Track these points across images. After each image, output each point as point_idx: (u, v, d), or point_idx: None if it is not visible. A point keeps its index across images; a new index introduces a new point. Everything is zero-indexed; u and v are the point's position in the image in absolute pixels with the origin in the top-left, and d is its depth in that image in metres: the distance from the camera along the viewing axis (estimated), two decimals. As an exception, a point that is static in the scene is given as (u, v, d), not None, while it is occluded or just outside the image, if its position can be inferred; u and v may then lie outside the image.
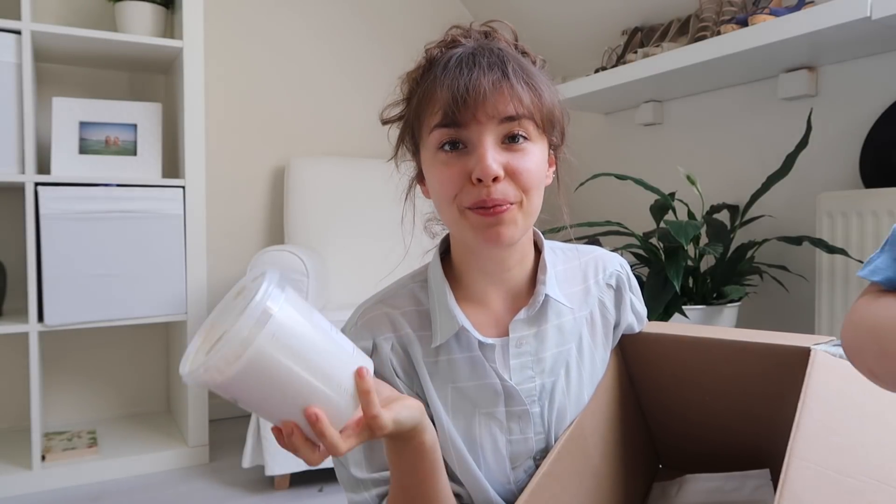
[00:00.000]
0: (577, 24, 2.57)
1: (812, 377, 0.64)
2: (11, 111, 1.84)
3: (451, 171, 0.69)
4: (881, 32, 1.52)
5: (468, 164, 0.69)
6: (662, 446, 0.96)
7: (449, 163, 0.70)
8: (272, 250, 1.85)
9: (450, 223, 0.74)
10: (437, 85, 0.70)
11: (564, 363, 0.79)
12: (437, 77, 0.70)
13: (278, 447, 1.79)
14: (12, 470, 1.86)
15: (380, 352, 0.76)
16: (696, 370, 0.83)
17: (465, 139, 0.69)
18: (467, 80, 0.68)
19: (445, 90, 0.68)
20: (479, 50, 0.71)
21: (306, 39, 2.67)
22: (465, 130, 0.69)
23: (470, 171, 0.68)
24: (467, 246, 0.77)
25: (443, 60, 0.72)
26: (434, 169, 0.72)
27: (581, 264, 0.86)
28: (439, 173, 0.70)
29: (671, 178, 2.18)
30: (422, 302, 0.79)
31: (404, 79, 0.78)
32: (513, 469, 0.78)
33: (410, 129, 0.76)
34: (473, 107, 0.67)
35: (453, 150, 0.69)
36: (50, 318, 1.87)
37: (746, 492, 0.79)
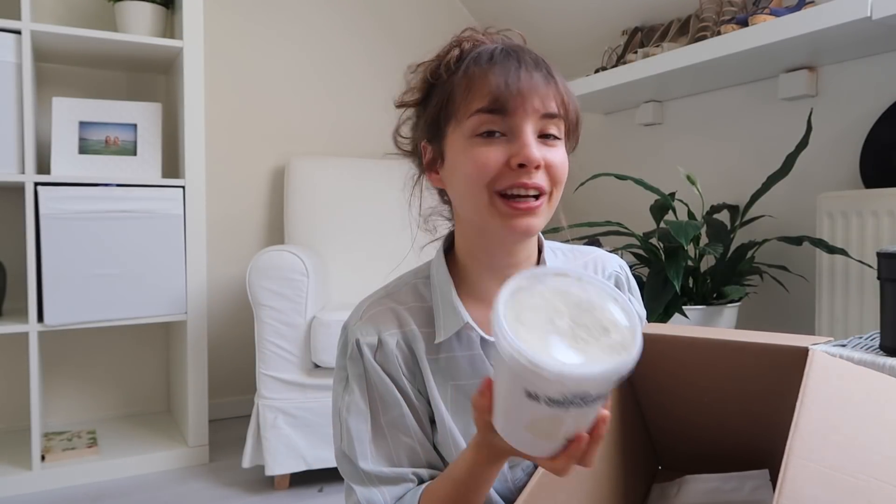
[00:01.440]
0: (577, 24, 2.57)
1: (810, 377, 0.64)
2: (11, 111, 1.84)
3: (491, 155, 0.70)
4: (881, 32, 1.52)
5: (508, 150, 0.70)
6: (662, 447, 0.96)
7: (488, 147, 0.71)
8: (272, 250, 1.85)
9: (475, 209, 0.73)
10: (486, 71, 0.71)
11: None
12: (484, 64, 0.72)
13: (278, 447, 1.79)
14: (12, 470, 1.87)
15: (385, 347, 0.76)
16: (694, 371, 0.83)
17: (508, 128, 0.71)
18: (518, 70, 0.71)
19: (497, 77, 0.70)
20: (519, 48, 0.75)
21: (306, 39, 2.67)
22: (510, 119, 0.70)
23: (509, 157, 0.70)
24: (482, 236, 0.76)
25: (483, 52, 0.74)
26: (469, 152, 0.72)
27: (581, 265, 0.87)
28: (477, 156, 0.71)
29: (671, 178, 2.18)
30: (425, 298, 0.79)
31: (418, 68, 0.78)
32: (510, 468, 0.78)
33: (439, 112, 0.75)
34: (524, 97, 0.70)
35: (490, 137, 0.71)
36: (50, 318, 1.87)
37: (745, 492, 0.79)
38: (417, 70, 0.79)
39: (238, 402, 2.53)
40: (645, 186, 1.86)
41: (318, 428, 1.83)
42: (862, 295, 1.57)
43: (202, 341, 2.08)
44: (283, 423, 1.81)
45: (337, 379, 0.79)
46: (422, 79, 0.77)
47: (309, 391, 1.83)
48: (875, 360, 1.04)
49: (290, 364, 1.83)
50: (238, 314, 2.53)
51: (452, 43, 0.77)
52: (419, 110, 0.79)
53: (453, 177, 0.75)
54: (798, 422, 0.58)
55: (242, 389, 2.52)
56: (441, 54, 0.77)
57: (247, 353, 2.24)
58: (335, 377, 0.80)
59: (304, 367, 1.85)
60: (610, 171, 1.99)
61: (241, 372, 2.47)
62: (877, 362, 1.04)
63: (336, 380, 0.80)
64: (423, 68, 0.78)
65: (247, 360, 2.23)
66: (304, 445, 1.82)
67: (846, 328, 1.59)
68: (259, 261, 1.84)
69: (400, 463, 0.75)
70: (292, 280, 1.82)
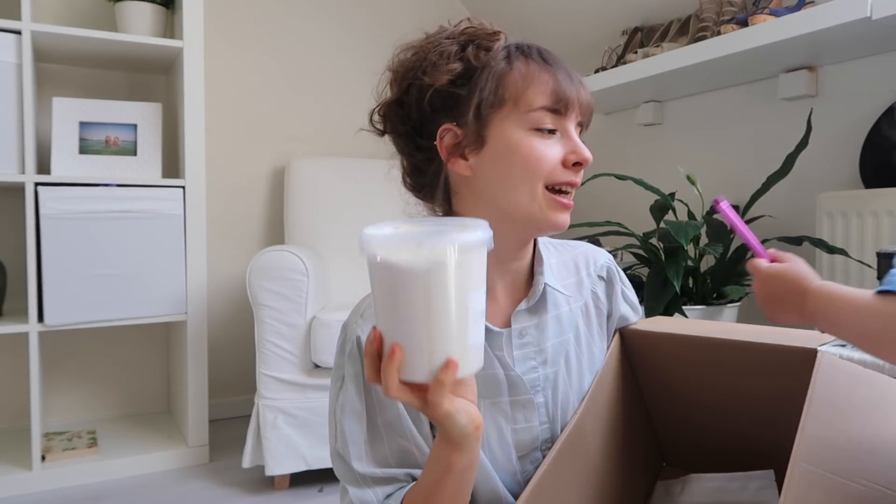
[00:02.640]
0: (576, 25, 2.57)
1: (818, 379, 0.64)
2: (11, 111, 1.84)
3: (550, 151, 0.74)
4: (881, 32, 1.52)
5: (561, 147, 0.74)
6: (667, 445, 0.96)
7: (546, 142, 0.74)
8: (272, 250, 1.85)
9: (522, 200, 0.74)
10: (545, 70, 0.74)
11: (564, 353, 0.82)
12: (540, 62, 0.75)
13: (278, 447, 1.79)
14: (12, 470, 1.86)
15: None
16: (701, 369, 0.83)
17: (561, 126, 0.75)
18: (571, 74, 0.76)
19: (562, 78, 0.74)
20: (551, 51, 0.78)
21: (306, 39, 2.67)
22: (564, 119, 0.75)
23: (565, 154, 0.74)
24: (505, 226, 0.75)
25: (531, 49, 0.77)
26: (527, 145, 0.73)
27: (573, 257, 0.89)
28: (540, 150, 0.73)
29: (671, 178, 2.18)
30: None
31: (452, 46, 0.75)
32: (519, 459, 0.78)
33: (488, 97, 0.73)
34: (578, 102, 0.75)
35: (549, 133, 0.74)
36: (50, 318, 1.87)
37: (750, 492, 0.79)
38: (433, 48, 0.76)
39: (238, 402, 2.53)
40: (645, 186, 1.86)
41: (318, 428, 1.83)
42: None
43: (202, 341, 2.08)
44: (283, 423, 1.81)
45: (333, 378, 0.79)
46: (458, 57, 0.74)
47: (309, 391, 1.83)
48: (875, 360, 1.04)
49: (290, 364, 1.83)
50: (238, 314, 2.52)
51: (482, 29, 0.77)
52: (447, 88, 0.74)
53: (499, 165, 0.74)
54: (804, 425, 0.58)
55: (242, 389, 2.52)
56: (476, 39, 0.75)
57: (247, 353, 2.24)
58: (332, 377, 0.79)
59: (304, 367, 1.85)
60: (610, 171, 2.00)
61: (241, 372, 2.47)
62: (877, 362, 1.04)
63: (332, 379, 0.79)
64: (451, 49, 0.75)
65: (247, 360, 2.23)
66: (304, 445, 1.82)
67: (846, 328, 1.59)
68: (259, 261, 1.83)
69: (394, 464, 0.75)
70: (292, 280, 1.82)
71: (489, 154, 0.74)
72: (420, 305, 0.54)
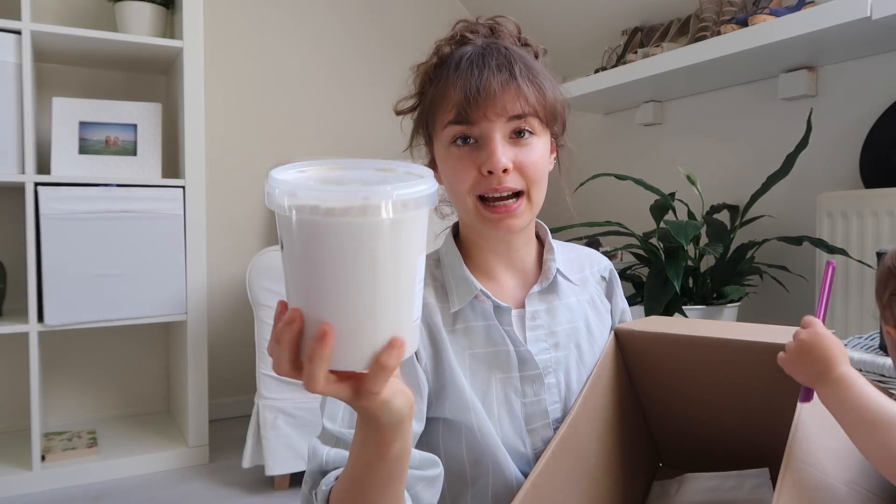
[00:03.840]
0: (577, 25, 2.57)
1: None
2: (11, 111, 1.84)
3: (464, 164, 0.75)
4: (881, 32, 1.52)
5: (479, 157, 0.74)
6: (663, 445, 0.96)
7: (462, 156, 0.75)
8: (272, 250, 1.85)
9: (462, 211, 0.79)
10: (450, 84, 0.75)
11: (575, 339, 0.84)
12: (450, 76, 0.76)
13: (278, 447, 1.79)
14: (12, 470, 1.87)
15: None
16: (696, 369, 0.83)
17: (477, 135, 0.75)
18: (478, 81, 0.73)
19: (458, 90, 0.74)
20: (488, 50, 0.76)
21: (306, 39, 2.67)
22: (476, 127, 0.74)
23: (481, 164, 0.74)
24: (477, 230, 0.81)
25: (454, 59, 0.77)
26: (448, 162, 0.77)
27: (577, 256, 0.93)
28: (453, 166, 0.76)
29: (671, 178, 2.18)
30: (437, 277, 0.83)
31: (416, 71, 0.82)
32: (529, 432, 0.79)
33: (424, 121, 0.81)
34: (484, 106, 0.73)
35: (465, 144, 0.75)
36: (50, 318, 1.87)
37: (745, 491, 0.79)
38: (417, 73, 0.83)
39: (238, 402, 2.53)
40: (645, 186, 1.86)
41: (318, 428, 1.82)
42: (862, 295, 1.57)
43: (202, 341, 2.08)
44: (283, 423, 1.81)
45: None
46: (416, 86, 0.82)
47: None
48: (875, 360, 1.04)
49: (290, 364, 1.83)
50: (238, 314, 2.52)
51: (435, 47, 0.81)
52: (417, 115, 0.83)
53: (445, 180, 0.80)
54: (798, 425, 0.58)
55: (242, 389, 2.52)
56: (427, 60, 0.81)
57: (247, 353, 2.24)
58: None
59: (304, 367, 1.84)
60: (610, 171, 1.99)
61: (241, 372, 2.47)
62: (877, 362, 1.04)
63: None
64: (418, 74, 0.82)
65: (247, 360, 2.23)
66: (304, 445, 1.82)
67: (846, 328, 1.59)
68: (259, 261, 1.83)
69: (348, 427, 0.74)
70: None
71: (439, 170, 0.81)
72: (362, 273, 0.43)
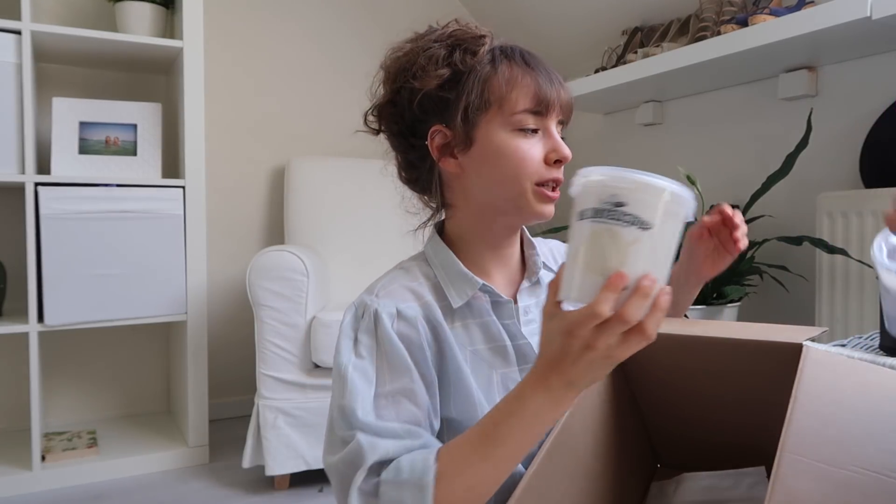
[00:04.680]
0: (576, 25, 2.57)
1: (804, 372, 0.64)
2: (11, 111, 1.84)
3: (534, 150, 0.77)
4: (881, 32, 1.52)
5: (545, 146, 0.78)
6: (660, 445, 0.96)
7: (531, 144, 0.77)
8: (272, 250, 1.85)
9: (512, 196, 0.78)
10: (527, 73, 0.78)
11: None
12: (522, 65, 0.78)
13: (278, 447, 1.79)
14: (12, 470, 1.87)
15: (406, 318, 0.75)
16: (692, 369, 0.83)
17: (542, 126, 0.78)
18: (552, 77, 0.79)
19: (542, 80, 0.78)
20: (533, 53, 0.81)
21: (306, 39, 2.67)
22: (546, 119, 0.78)
23: (547, 153, 0.78)
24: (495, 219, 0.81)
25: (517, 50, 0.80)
26: (512, 145, 0.77)
27: (550, 249, 0.95)
28: (524, 150, 0.77)
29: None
30: (429, 276, 0.82)
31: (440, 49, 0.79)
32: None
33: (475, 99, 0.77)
34: (557, 103, 0.79)
35: (532, 133, 0.78)
36: (50, 318, 1.87)
37: (742, 489, 0.79)
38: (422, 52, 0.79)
39: (238, 402, 2.53)
40: (645, 186, 1.86)
41: (318, 428, 1.83)
42: (862, 295, 1.57)
43: (202, 341, 2.08)
44: (283, 423, 1.81)
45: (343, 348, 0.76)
46: (446, 62, 0.78)
47: (309, 391, 1.83)
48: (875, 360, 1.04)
49: (290, 364, 1.83)
50: (238, 314, 2.53)
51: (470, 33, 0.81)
52: (436, 92, 0.78)
53: (486, 165, 0.78)
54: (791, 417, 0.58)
55: (242, 389, 2.52)
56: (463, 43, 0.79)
57: (247, 353, 2.24)
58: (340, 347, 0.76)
59: (304, 367, 1.85)
60: (610, 171, 1.99)
61: (241, 372, 2.47)
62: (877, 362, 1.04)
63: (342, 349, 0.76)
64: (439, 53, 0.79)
65: (247, 360, 2.23)
66: (304, 445, 1.82)
67: (846, 328, 1.59)
68: (259, 261, 1.84)
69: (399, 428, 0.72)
70: (292, 280, 1.82)
71: (477, 154, 0.78)
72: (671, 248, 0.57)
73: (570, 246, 0.58)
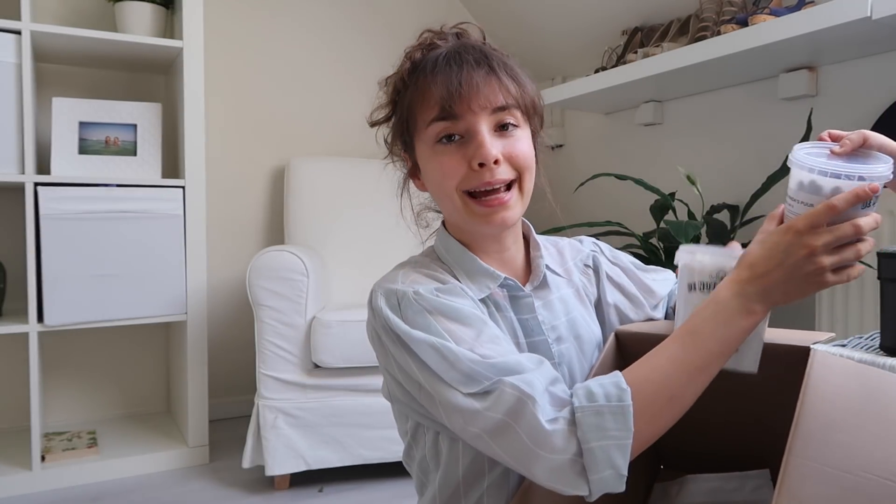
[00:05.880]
0: (577, 25, 2.57)
1: (811, 376, 0.64)
2: (11, 111, 1.84)
3: (453, 160, 0.74)
4: (881, 32, 1.52)
5: (467, 152, 0.74)
6: (664, 447, 0.96)
7: (449, 153, 0.75)
8: (272, 250, 1.85)
9: (451, 211, 0.78)
10: (430, 82, 0.75)
11: (575, 330, 0.84)
12: (429, 74, 0.75)
13: (278, 447, 1.79)
14: (12, 470, 1.87)
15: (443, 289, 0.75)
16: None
17: (462, 130, 0.74)
18: (458, 75, 0.74)
19: (440, 86, 0.74)
20: (463, 48, 0.77)
21: (306, 39, 2.67)
22: (461, 122, 0.74)
23: (469, 159, 0.74)
24: (468, 230, 0.81)
25: (429, 60, 0.77)
26: (434, 160, 0.76)
27: (558, 249, 0.93)
28: (441, 164, 0.75)
29: (671, 178, 2.18)
30: (447, 270, 0.82)
31: (387, 82, 0.83)
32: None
33: (404, 125, 0.80)
34: (468, 99, 0.73)
35: (450, 141, 0.75)
36: (50, 318, 1.87)
37: (746, 492, 0.79)
38: (387, 84, 0.84)
39: (238, 402, 2.53)
40: (645, 186, 1.86)
41: (318, 428, 1.83)
42: (862, 295, 1.57)
43: (202, 341, 2.08)
44: (283, 424, 1.81)
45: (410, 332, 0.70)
46: (388, 95, 0.82)
47: (309, 391, 1.83)
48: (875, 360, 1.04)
49: (290, 364, 1.83)
50: (238, 314, 2.53)
51: (405, 55, 0.82)
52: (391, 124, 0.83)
53: (428, 183, 0.80)
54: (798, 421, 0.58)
55: (242, 389, 2.52)
56: (399, 69, 0.81)
57: (247, 353, 2.24)
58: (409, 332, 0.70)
59: (304, 367, 1.85)
60: (610, 171, 2.00)
61: (241, 372, 2.47)
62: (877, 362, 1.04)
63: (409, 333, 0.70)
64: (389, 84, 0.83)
65: (247, 360, 2.23)
66: (304, 445, 1.82)
67: (846, 328, 1.59)
68: (259, 261, 1.84)
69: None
70: (292, 280, 1.82)
71: (423, 174, 0.81)
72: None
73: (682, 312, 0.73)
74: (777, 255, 0.63)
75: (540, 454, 0.61)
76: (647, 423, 0.62)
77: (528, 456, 0.62)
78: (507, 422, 0.63)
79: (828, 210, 0.61)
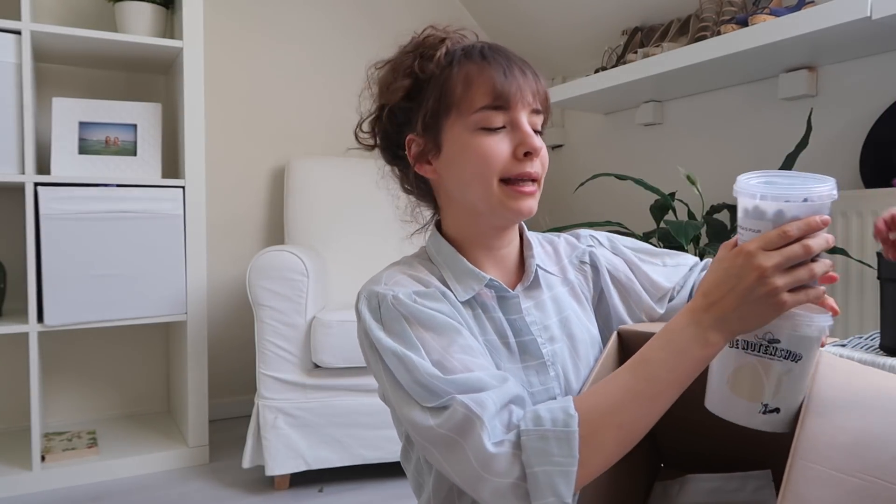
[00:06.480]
0: (577, 25, 2.57)
1: (817, 379, 0.64)
2: (11, 111, 1.84)
3: (498, 147, 0.76)
4: (881, 32, 1.52)
5: (512, 140, 0.76)
6: (664, 446, 0.96)
7: (495, 139, 0.76)
8: (272, 250, 1.85)
9: (482, 196, 0.77)
10: (484, 68, 0.76)
11: (568, 330, 0.84)
12: (478, 61, 0.77)
13: (278, 447, 1.79)
14: (12, 470, 1.86)
15: (423, 293, 0.76)
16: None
17: (507, 121, 0.77)
18: (510, 69, 0.77)
19: (497, 74, 0.76)
20: (501, 47, 0.80)
21: (306, 39, 2.67)
22: (511, 112, 0.76)
23: (515, 147, 0.76)
24: (479, 220, 0.81)
25: (473, 49, 0.79)
26: (475, 146, 0.76)
27: (553, 247, 0.93)
28: (484, 150, 0.76)
29: (671, 178, 2.18)
30: (434, 272, 0.82)
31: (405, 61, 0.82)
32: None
33: (436, 105, 0.78)
34: (519, 92, 0.76)
35: (493, 131, 0.76)
36: (50, 319, 1.87)
37: (747, 492, 0.79)
38: (392, 65, 0.83)
39: (238, 402, 2.53)
40: (645, 186, 1.86)
41: (318, 428, 1.83)
42: (862, 295, 1.57)
43: (202, 341, 2.08)
44: (283, 424, 1.81)
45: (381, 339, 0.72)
46: (407, 73, 0.80)
47: (309, 391, 1.83)
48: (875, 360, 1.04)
49: (290, 364, 1.83)
50: (238, 314, 2.52)
51: (431, 38, 0.82)
52: (402, 104, 0.81)
53: (455, 167, 0.79)
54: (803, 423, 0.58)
55: (242, 389, 2.52)
56: (422, 50, 0.81)
57: (247, 353, 2.24)
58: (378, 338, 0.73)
59: (304, 367, 1.85)
60: (610, 171, 2.00)
61: (241, 372, 2.47)
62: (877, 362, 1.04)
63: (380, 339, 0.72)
64: (405, 63, 0.81)
65: (247, 360, 2.23)
66: (304, 445, 1.82)
67: (846, 328, 1.59)
68: (259, 261, 1.83)
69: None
70: (292, 280, 1.82)
71: (447, 158, 0.79)
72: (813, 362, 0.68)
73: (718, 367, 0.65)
74: (729, 279, 0.61)
75: (484, 476, 0.61)
76: (593, 451, 0.62)
77: (474, 477, 0.63)
78: (455, 440, 0.63)
79: (781, 236, 0.60)
